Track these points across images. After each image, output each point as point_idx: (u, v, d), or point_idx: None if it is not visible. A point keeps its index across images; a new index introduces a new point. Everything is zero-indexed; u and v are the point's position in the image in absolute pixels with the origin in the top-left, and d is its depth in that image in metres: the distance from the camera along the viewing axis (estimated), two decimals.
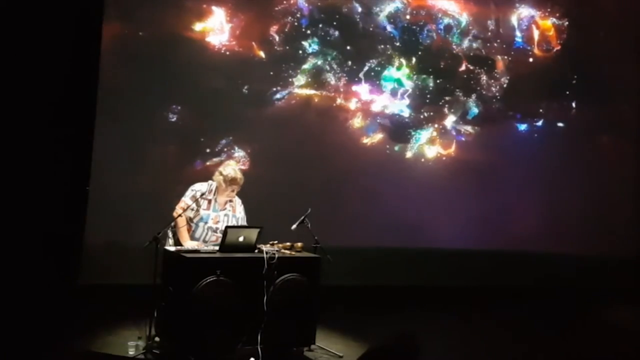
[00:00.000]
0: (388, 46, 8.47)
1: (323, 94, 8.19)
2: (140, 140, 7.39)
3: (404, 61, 8.57)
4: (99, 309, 6.25)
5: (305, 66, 8.09)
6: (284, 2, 7.96)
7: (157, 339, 5.34)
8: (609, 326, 7.26)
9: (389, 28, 8.44)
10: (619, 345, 6.49)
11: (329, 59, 8.19)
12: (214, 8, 7.68)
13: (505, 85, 9.01)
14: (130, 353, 5.13)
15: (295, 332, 5.42)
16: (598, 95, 9.32)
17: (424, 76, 8.66)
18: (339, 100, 8.25)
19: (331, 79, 8.20)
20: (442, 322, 6.95)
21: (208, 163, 7.59)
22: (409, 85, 8.59)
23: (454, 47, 8.79)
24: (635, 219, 9.45)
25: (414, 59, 8.61)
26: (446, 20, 8.73)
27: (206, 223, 5.67)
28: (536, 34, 9.17)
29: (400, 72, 8.57)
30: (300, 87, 8.07)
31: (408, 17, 8.54)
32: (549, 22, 9.23)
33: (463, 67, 8.84)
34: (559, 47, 9.25)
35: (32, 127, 6.84)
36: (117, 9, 7.32)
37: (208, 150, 7.67)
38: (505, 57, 9.00)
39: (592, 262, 8.85)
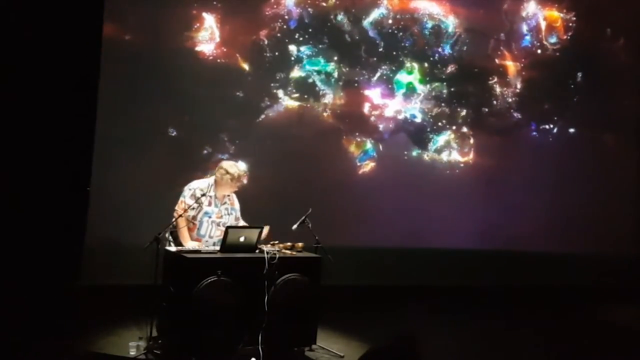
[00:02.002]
0: (399, 52, 8.50)
1: (324, 97, 8.20)
2: (141, 141, 7.39)
3: (416, 65, 8.59)
4: (99, 309, 6.24)
5: (308, 70, 8.12)
6: (274, 6, 7.95)
7: (158, 339, 5.33)
8: (610, 325, 7.27)
9: (372, 34, 8.42)
10: (619, 344, 6.49)
11: (332, 63, 8.21)
12: (208, 14, 7.69)
13: (515, 89, 9.03)
14: (131, 353, 5.13)
15: (296, 332, 5.42)
16: (602, 93, 9.31)
17: (437, 84, 8.67)
18: (341, 103, 8.27)
19: (339, 82, 8.23)
20: (443, 322, 6.94)
21: (208, 163, 7.58)
22: (421, 89, 8.61)
23: (455, 51, 8.78)
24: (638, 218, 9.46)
25: (426, 64, 8.64)
26: (449, 23, 8.72)
27: (210, 218, 5.67)
28: (543, 25, 9.14)
29: (411, 76, 8.59)
30: (302, 90, 8.08)
31: (393, 21, 8.51)
32: (555, 14, 9.21)
33: (469, 71, 8.83)
34: (566, 38, 9.21)
35: (33, 127, 6.84)
36: (116, 13, 7.32)
37: (205, 152, 7.68)
38: (516, 62, 9.01)
39: (594, 261, 8.84)
